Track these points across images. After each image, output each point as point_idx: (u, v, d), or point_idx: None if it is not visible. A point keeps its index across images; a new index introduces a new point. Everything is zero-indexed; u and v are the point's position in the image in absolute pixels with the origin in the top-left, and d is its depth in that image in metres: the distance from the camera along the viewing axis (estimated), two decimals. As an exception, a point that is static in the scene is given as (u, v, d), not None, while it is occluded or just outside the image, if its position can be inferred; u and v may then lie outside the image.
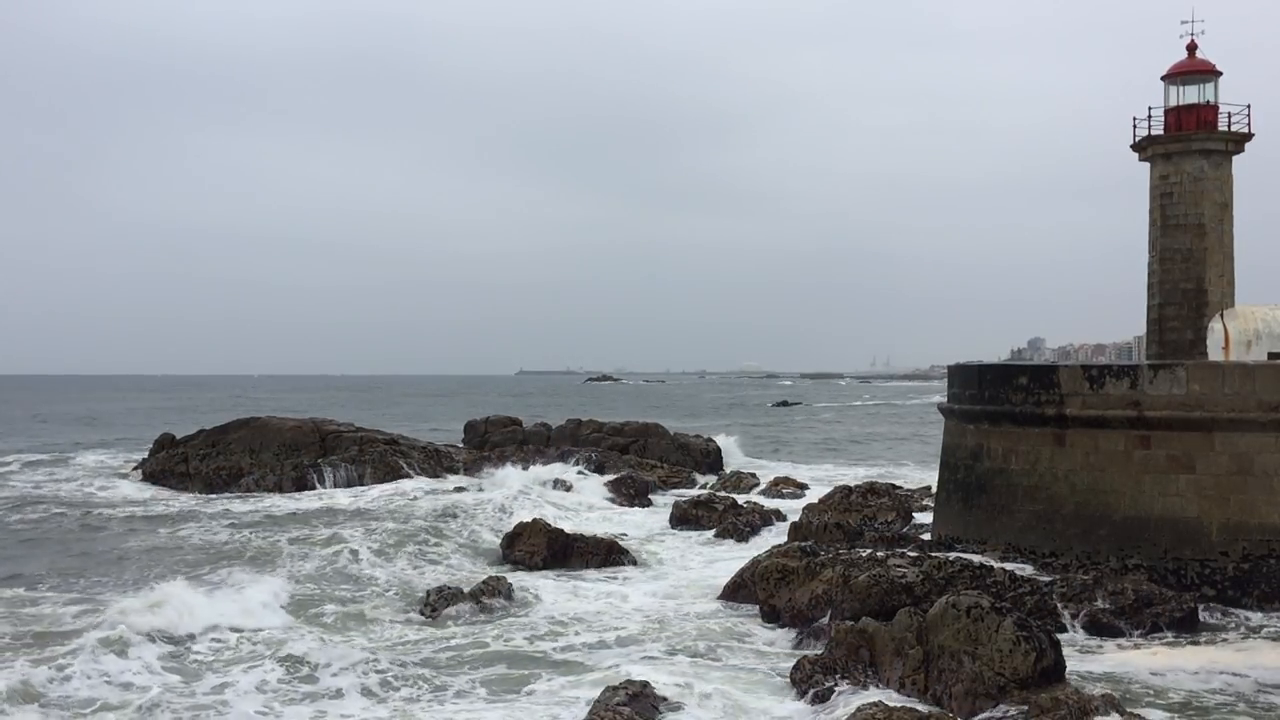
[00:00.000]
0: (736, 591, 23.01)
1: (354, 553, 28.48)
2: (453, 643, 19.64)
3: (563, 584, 24.80)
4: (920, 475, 45.25)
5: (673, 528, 33.66)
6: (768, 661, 18.43)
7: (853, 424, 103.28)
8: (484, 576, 24.35)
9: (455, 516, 35.18)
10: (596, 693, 15.81)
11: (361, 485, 42.56)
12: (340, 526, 33.12)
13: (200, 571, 25.87)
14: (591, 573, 26.37)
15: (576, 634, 20.32)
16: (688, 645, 19.38)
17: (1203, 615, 20.32)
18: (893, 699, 15.29)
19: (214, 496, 41.20)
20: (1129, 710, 14.55)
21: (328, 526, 33.16)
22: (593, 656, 18.84)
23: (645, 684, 15.91)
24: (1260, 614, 20.83)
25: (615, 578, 25.86)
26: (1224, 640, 19.45)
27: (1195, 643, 19.18)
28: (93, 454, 61.08)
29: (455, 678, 17.51)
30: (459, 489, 41.06)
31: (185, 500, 40.17)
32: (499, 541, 29.43)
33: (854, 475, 46.57)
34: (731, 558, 27.22)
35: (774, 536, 30.25)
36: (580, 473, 44.25)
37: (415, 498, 39.75)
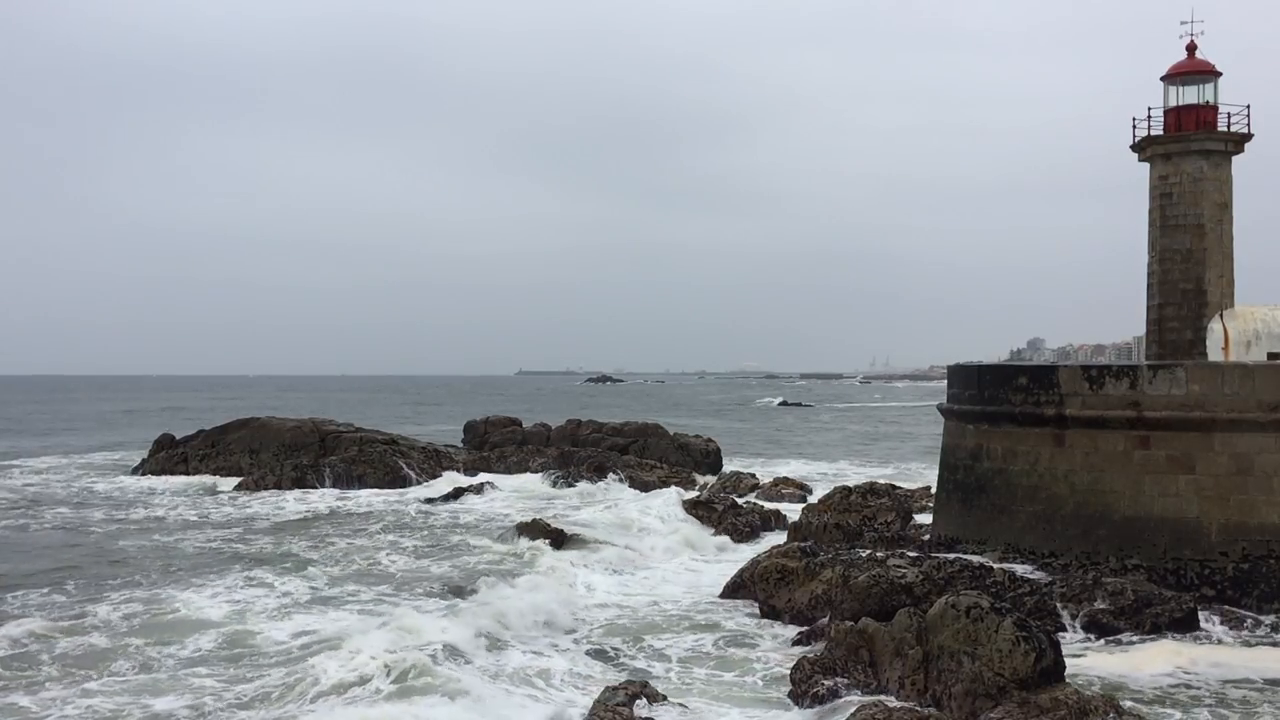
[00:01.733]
0: (736, 591, 23.02)
1: (355, 553, 28.58)
2: (453, 638, 19.61)
3: (560, 579, 24.73)
4: (921, 475, 45.25)
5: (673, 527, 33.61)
6: (767, 661, 18.42)
7: (854, 425, 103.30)
8: (484, 575, 24.41)
9: (455, 516, 35.30)
10: (597, 691, 15.81)
11: (362, 486, 42.52)
12: (341, 528, 33.22)
13: (215, 573, 25.93)
14: (589, 567, 26.37)
15: (573, 631, 20.31)
16: (687, 644, 19.38)
17: (1202, 616, 20.31)
18: (892, 700, 15.29)
19: (218, 496, 41.13)
20: (1128, 710, 14.55)
21: (329, 528, 33.24)
22: (592, 654, 18.83)
23: (645, 684, 15.91)
24: (1260, 614, 20.81)
25: (615, 575, 25.86)
26: (1223, 641, 19.45)
27: (1195, 643, 19.17)
28: (94, 455, 61.16)
29: (459, 673, 17.48)
30: (459, 489, 41.04)
31: (187, 500, 40.07)
32: (499, 541, 29.46)
33: (855, 475, 46.59)
34: (731, 557, 27.22)
35: (774, 537, 30.24)
36: (582, 477, 44.24)
37: (416, 499, 39.84)
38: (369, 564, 27.11)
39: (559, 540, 28.47)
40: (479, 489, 40.79)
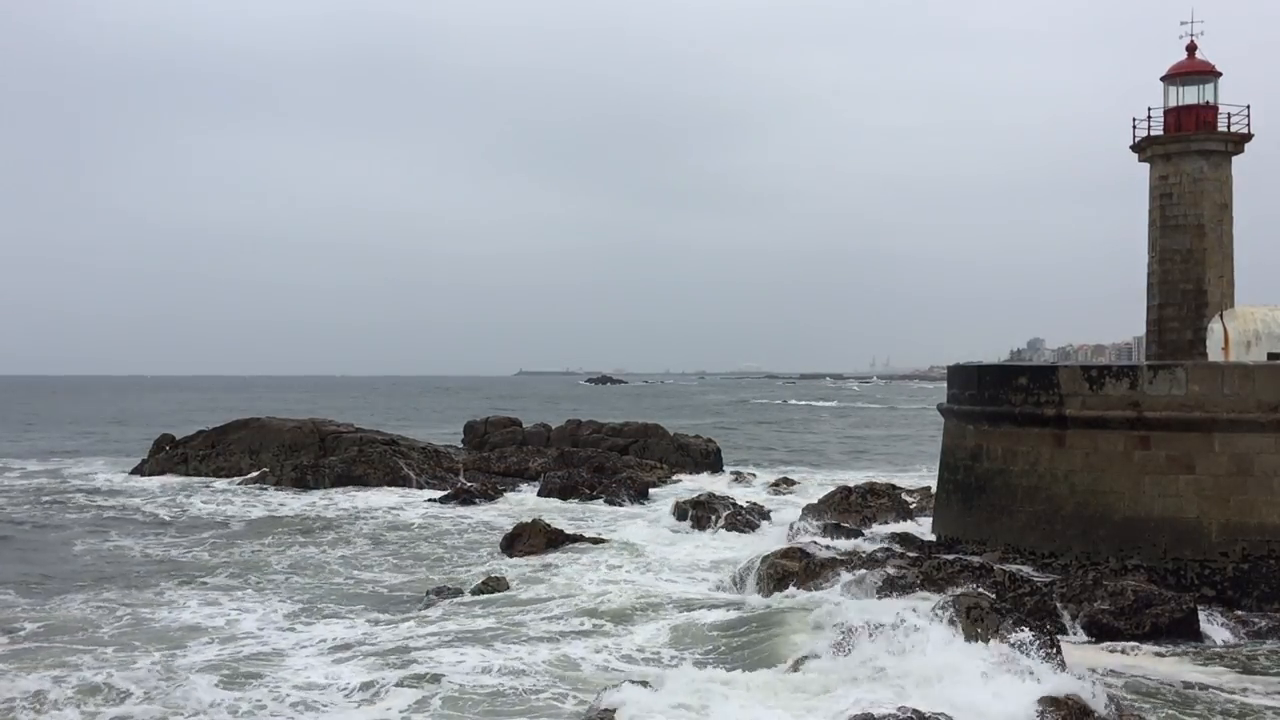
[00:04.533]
0: (736, 591, 23.03)
1: (357, 554, 28.60)
2: (450, 634, 19.65)
3: (561, 580, 24.77)
4: (921, 475, 45.25)
5: (673, 526, 33.63)
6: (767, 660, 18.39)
7: (855, 425, 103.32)
8: (484, 576, 24.41)
9: (454, 519, 35.30)
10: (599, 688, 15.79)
11: (362, 487, 42.42)
12: (342, 529, 33.24)
13: (213, 577, 25.96)
14: (590, 568, 26.39)
15: (573, 629, 20.29)
16: (686, 643, 19.34)
17: (1202, 616, 20.30)
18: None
19: (217, 497, 41.09)
20: (1129, 711, 14.55)
21: (330, 529, 33.26)
22: (591, 654, 18.79)
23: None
24: (1259, 615, 20.82)
25: (615, 573, 25.87)
26: (1222, 641, 19.45)
27: (1194, 643, 19.17)
28: (93, 456, 61.16)
29: (458, 668, 17.48)
30: (460, 490, 40.97)
31: (184, 501, 40.02)
32: (499, 542, 29.46)
33: (855, 475, 46.56)
34: (731, 556, 27.20)
35: (774, 536, 30.20)
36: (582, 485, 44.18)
37: (416, 502, 39.81)
38: (351, 563, 27.10)
39: (556, 539, 28.48)
40: (482, 493, 40.59)
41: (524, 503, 39.45)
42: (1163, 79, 30.07)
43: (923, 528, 29.58)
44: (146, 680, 16.82)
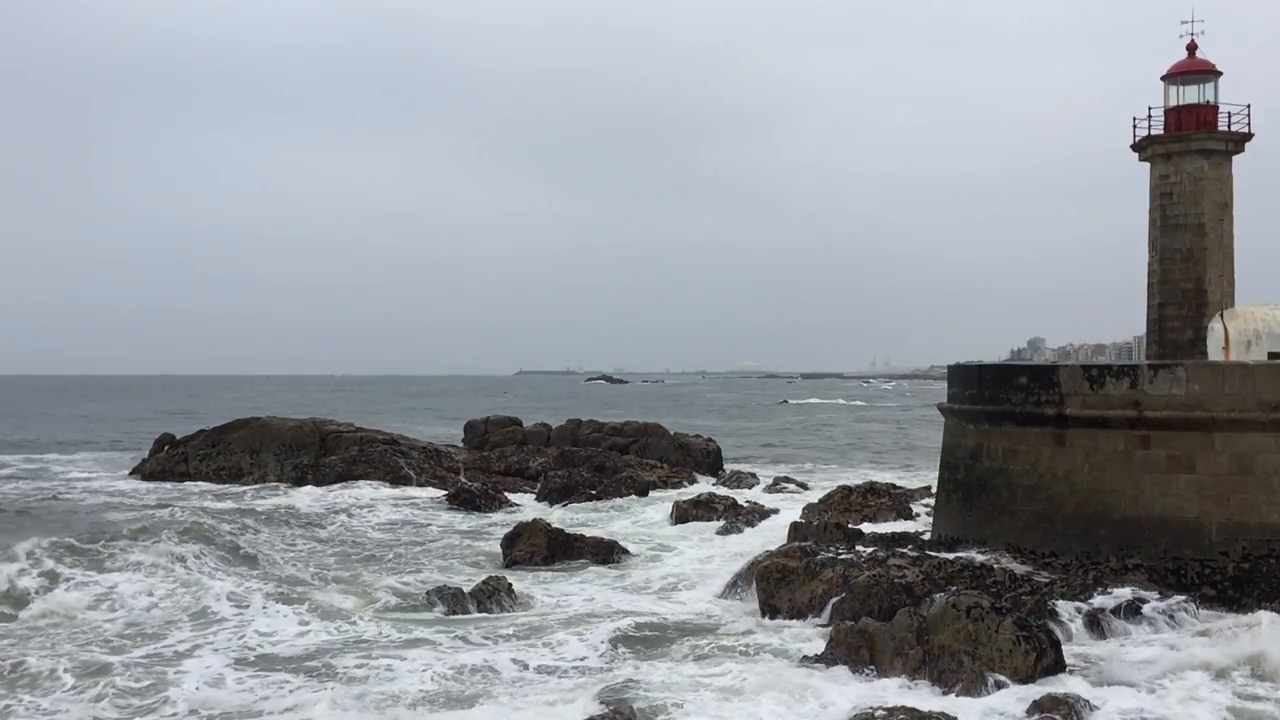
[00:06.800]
0: (736, 590, 23.04)
1: (357, 553, 28.58)
2: (451, 637, 19.62)
3: (561, 581, 24.77)
4: (921, 475, 45.25)
5: (673, 526, 33.64)
6: (767, 659, 18.40)
7: (854, 424, 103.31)
8: (484, 577, 24.39)
9: (453, 518, 35.29)
10: (594, 697, 15.78)
11: (364, 488, 42.36)
12: (338, 528, 33.23)
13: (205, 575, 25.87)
14: (590, 570, 26.40)
15: (573, 629, 20.28)
16: (687, 642, 19.35)
17: (1202, 615, 20.29)
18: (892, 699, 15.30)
19: (221, 492, 41.08)
20: (1128, 710, 14.55)
21: (325, 528, 33.25)
22: (589, 654, 18.80)
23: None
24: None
25: (615, 575, 25.88)
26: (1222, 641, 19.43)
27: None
28: (91, 454, 61.12)
29: (461, 673, 17.47)
30: (460, 488, 40.94)
31: (187, 500, 39.99)
32: (499, 543, 29.44)
33: (856, 475, 46.58)
34: (731, 556, 27.22)
35: (774, 535, 30.20)
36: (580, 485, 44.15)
37: (418, 502, 39.78)
38: (350, 562, 27.08)
39: (556, 539, 28.45)
40: (483, 492, 40.54)
41: (524, 502, 39.44)
42: (1163, 78, 30.06)
43: (923, 527, 29.57)
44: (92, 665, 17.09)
